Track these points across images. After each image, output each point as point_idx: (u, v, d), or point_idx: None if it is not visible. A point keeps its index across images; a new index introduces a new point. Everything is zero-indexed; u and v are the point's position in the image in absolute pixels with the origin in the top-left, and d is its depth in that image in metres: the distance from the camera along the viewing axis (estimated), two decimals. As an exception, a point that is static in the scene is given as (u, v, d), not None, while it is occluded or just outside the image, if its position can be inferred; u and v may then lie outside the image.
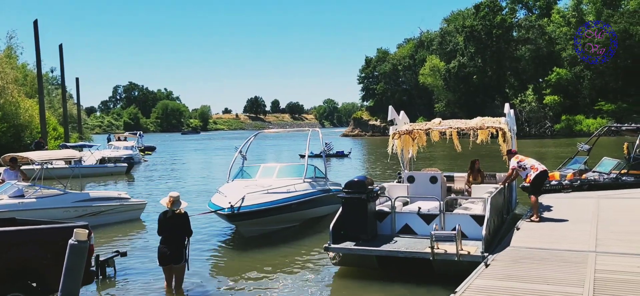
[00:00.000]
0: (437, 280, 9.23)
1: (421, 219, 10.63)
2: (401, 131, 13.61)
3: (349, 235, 10.20)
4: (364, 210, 10.18)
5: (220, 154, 53.97)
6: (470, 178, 13.84)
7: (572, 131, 66.35)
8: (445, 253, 9.16)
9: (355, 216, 10.21)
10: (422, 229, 10.46)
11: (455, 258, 8.99)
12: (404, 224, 10.71)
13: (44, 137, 38.34)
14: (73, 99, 72.72)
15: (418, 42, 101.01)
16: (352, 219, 10.24)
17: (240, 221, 13.23)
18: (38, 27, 42.83)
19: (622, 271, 7.75)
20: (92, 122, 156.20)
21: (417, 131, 13.69)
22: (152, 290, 9.59)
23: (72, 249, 6.64)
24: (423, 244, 9.63)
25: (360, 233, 10.17)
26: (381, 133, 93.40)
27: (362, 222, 10.20)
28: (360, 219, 10.20)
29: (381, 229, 10.75)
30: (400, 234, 10.62)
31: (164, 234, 9.16)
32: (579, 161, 18.40)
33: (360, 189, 10.29)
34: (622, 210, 12.69)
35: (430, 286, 9.17)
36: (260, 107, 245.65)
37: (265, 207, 13.21)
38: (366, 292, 9.39)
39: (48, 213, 14.60)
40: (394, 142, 13.73)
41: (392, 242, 10.12)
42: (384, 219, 10.83)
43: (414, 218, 10.71)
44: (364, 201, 10.18)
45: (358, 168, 36.13)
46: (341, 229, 10.24)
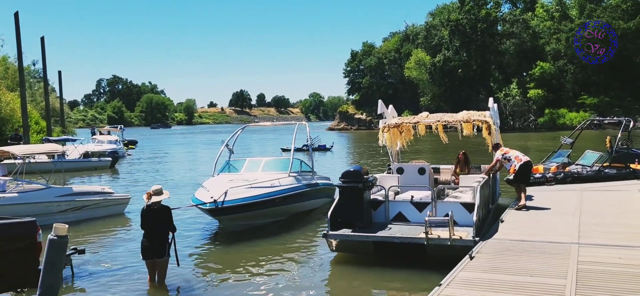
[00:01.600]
0: (430, 264, 9.61)
1: (414, 208, 11.14)
2: (390, 124, 13.90)
3: (345, 222, 10.62)
4: (360, 199, 10.65)
5: (206, 148, 53.74)
6: (457, 169, 14.15)
7: (555, 125, 66.98)
8: (438, 239, 9.62)
9: (352, 205, 10.63)
10: (415, 217, 10.99)
11: (448, 242, 9.47)
12: (398, 212, 11.22)
13: (26, 131, 37.84)
14: (56, 92, 71.69)
15: (403, 36, 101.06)
16: (348, 207, 10.65)
17: (222, 216, 13.15)
18: (19, 20, 42.19)
19: (604, 263, 7.85)
20: (76, 116, 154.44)
21: (405, 124, 14.00)
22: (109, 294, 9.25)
23: (52, 244, 6.57)
24: (416, 231, 10.13)
25: (356, 221, 10.59)
26: (367, 127, 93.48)
27: (358, 210, 10.64)
28: (357, 207, 10.64)
29: (375, 217, 11.23)
30: (394, 221, 11.10)
31: (146, 228, 9.13)
32: (562, 154, 18.64)
33: (357, 178, 10.75)
34: (605, 202, 12.88)
35: (423, 270, 9.52)
36: (246, 101, 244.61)
37: (248, 202, 13.09)
38: (363, 276, 9.70)
39: (30, 207, 14.45)
40: (384, 135, 14.00)
41: (386, 229, 10.57)
42: (378, 207, 11.31)
43: (407, 206, 11.21)
44: (361, 190, 10.65)
45: (341, 162, 36.13)
46: (338, 217, 10.61)
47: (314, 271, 10.27)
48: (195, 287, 9.52)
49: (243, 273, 10.31)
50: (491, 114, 13.80)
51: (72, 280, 9.81)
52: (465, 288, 6.98)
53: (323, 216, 15.50)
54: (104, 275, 10.23)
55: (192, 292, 9.30)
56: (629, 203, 12.70)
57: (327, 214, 10.61)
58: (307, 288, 9.27)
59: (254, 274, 10.25)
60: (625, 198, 13.35)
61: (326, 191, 17.11)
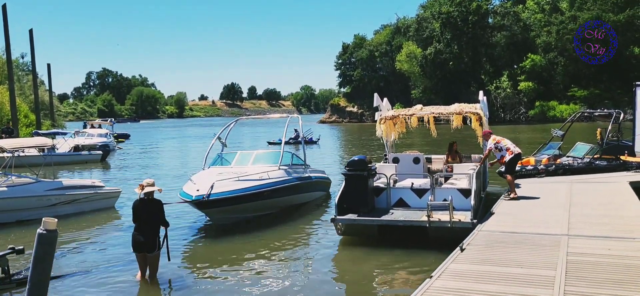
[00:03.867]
0: (431, 245, 10.34)
1: (414, 194, 12.00)
2: (387, 116, 14.37)
3: (350, 208, 11.38)
4: (365, 186, 11.47)
5: (197, 141, 53.51)
6: (449, 158, 14.64)
7: (546, 117, 67.27)
8: (439, 221, 10.43)
9: (357, 191, 11.45)
10: (415, 203, 11.89)
11: (449, 224, 10.28)
12: (399, 198, 12.06)
13: (15, 125, 37.52)
14: (45, 85, 71.14)
15: (395, 29, 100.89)
16: (354, 194, 11.46)
17: (209, 209, 13.03)
18: (7, 12, 41.75)
19: (594, 254, 7.91)
20: (65, 109, 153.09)
21: (400, 116, 14.47)
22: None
23: (41, 238, 6.43)
24: (417, 215, 10.99)
25: (361, 206, 11.40)
26: (358, 120, 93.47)
27: (363, 196, 11.47)
28: (362, 193, 11.46)
29: (377, 203, 12.01)
30: (395, 207, 11.92)
31: (138, 221, 9.02)
32: (553, 146, 18.72)
33: (362, 167, 11.57)
34: (595, 194, 12.97)
35: (424, 251, 10.21)
36: (237, 94, 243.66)
37: (234, 195, 12.99)
38: (367, 257, 10.35)
39: (19, 201, 14.37)
40: (380, 127, 14.47)
41: (389, 214, 11.42)
42: (380, 194, 12.09)
43: (407, 192, 12.07)
44: (365, 177, 11.47)
45: (329, 156, 36.09)
46: (344, 202, 11.40)
47: (322, 253, 10.94)
48: (186, 281, 9.48)
49: (252, 260, 10.41)
50: (481, 106, 14.21)
51: (8, 280, 8.87)
52: (456, 280, 7.00)
53: (321, 207, 15.81)
54: (93, 268, 10.16)
55: (184, 286, 9.25)
56: (619, 194, 12.79)
57: (335, 200, 11.43)
58: (316, 271, 9.88)
59: (264, 256, 10.76)
60: (615, 189, 13.45)
61: (321, 185, 17.03)
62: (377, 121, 14.52)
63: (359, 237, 11.39)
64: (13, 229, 13.66)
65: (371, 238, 11.16)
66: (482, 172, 13.80)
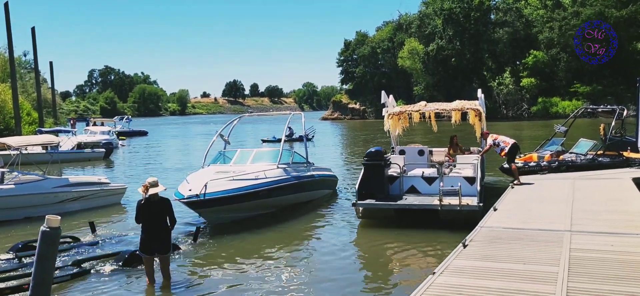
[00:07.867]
0: (442, 226, 11.87)
1: (424, 181, 13.47)
2: (394, 112, 15.56)
3: (367, 194, 12.88)
4: (381, 174, 13.05)
5: (200, 138, 53.52)
6: (450, 150, 15.93)
7: (548, 113, 67.14)
8: (449, 205, 11.94)
9: (375, 179, 12.99)
10: (425, 189, 13.37)
11: (458, 208, 11.81)
12: (410, 185, 13.57)
13: (18, 123, 37.64)
14: (47, 83, 71.23)
15: (397, 25, 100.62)
16: (372, 181, 12.98)
17: (202, 209, 12.84)
18: (9, 10, 41.85)
19: (596, 250, 7.94)
20: (68, 107, 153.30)
21: (406, 112, 15.74)
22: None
23: (44, 236, 6.37)
24: (429, 200, 12.54)
25: (377, 193, 12.93)
26: (360, 116, 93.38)
27: (380, 184, 13.01)
28: (379, 181, 13.01)
29: (391, 190, 13.51)
30: (407, 193, 13.43)
31: (143, 222, 8.80)
32: (556, 142, 18.72)
33: (379, 157, 13.16)
34: (598, 190, 12.98)
35: (436, 231, 11.73)
36: (239, 91, 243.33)
37: (228, 194, 12.78)
38: (384, 237, 11.77)
39: (27, 199, 14.45)
40: (388, 122, 15.57)
41: (403, 199, 12.94)
42: (394, 182, 13.59)
43: (418, 180, 13.56)
44: (382, 166, 13.08)
45: (331, 153, 36.02)
46: (363, 189, 12.85)
47: (343, 234, 12.38)
48: (213, 277, 9.54)
49: (261, 257, 10.50)
50: (480, 103, 15.34)
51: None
52: (459, 276, 7.04)
53: (328, 201, 16.41)
54: (100, 264, 10.21)
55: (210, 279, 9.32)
56: (622, 190, 12.81)
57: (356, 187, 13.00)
58: (339, 249, 11.16)
59: (282, 248, 11.46)
60: (618, 186, 13.46)
61: (326, 183, 16.84)
62: (385, 116, 15.59)
63: (375, 220, 12.84)
64: (21, 225, 13.76)
65: (385, 220, 12.63)
66: (482, 163, 15.03)
